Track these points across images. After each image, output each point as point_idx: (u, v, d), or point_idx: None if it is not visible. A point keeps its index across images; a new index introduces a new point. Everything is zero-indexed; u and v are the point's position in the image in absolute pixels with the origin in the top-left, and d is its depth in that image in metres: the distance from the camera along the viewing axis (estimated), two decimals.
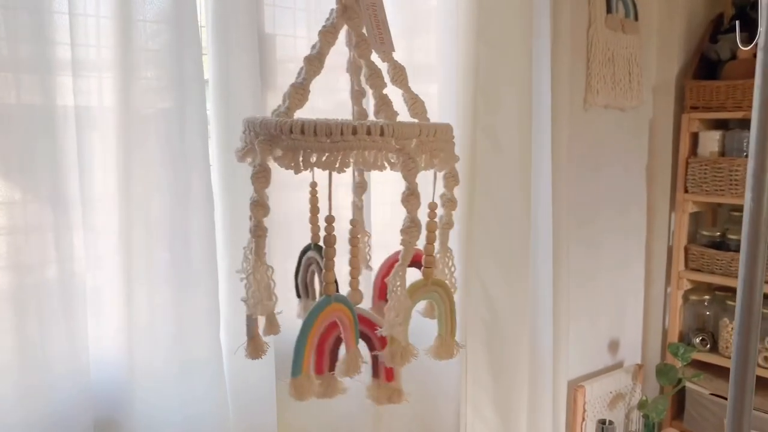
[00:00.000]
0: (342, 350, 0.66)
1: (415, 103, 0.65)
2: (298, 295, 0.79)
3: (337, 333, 0.65)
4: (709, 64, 2.02)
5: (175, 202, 1.05)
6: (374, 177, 1.28)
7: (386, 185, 1.32)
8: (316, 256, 0.75)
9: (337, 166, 0.60)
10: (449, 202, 0.66)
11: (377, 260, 0.75)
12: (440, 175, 0.66)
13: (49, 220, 0.99)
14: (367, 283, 0.81)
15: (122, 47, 1.01)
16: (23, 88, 0.95)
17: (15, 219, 0.96)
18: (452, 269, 0.68)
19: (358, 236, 0.66)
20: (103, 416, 1.05)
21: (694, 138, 2.02)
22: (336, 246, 0.65)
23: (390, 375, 0.66)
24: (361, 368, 0.64)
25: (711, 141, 1.98)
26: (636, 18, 1.93)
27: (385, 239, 0.99)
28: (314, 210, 0.75)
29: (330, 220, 0.67)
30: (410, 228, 0.62)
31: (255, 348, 0.65)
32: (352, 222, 0.64)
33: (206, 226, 1.08)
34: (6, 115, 0.94)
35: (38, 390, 0.97)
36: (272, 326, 0.65)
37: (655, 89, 2.06)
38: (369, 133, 0.59)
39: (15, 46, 0.93)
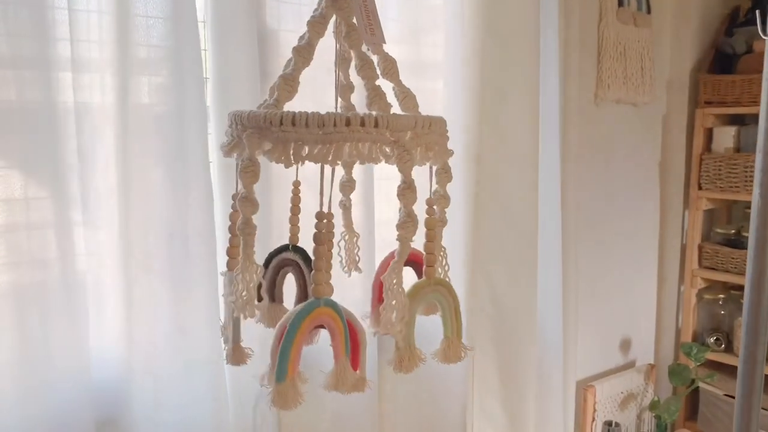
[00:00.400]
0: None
1: (406, 98, 0.63)
2: (259, 299, 0.76)
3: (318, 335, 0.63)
4: (724, 58, 1.98)
5: (175, 199, 1.05)
6: (377, 174, 1.27)
7: (390, 182, 1.31)
8: (294, 257, 0.73)
9: (330, 158, 0.58)
10: (442, 199, 0.64)
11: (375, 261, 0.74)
12: (433, 171, 0.64)
13: (49, 218, 0.99)
14: (352, 284, 0.78)
15: (122, 43, 1.00)
16: (23, 85, 0.95)
17: (15, 216, 0.95)
18: (446, 268, 0.66)
19: (333, 231, 0.65)
20: (104, 416, 1.05)
21: (709, 134, 1.97)
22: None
23: (355, 364, 0.64)
24: (351, 382, 0.62)
25: (726, 137, 1.94)
26: (648, 11, 1.89)
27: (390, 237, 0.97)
28: (295, 210, 0.73)
29: (321, 216, 0.65)
30: (406, 223, 0.60)
31: (239, 354, 0.63)
32: (327, 216, 0.62)
33: (206, 224, 1.07)
34: (6, 111, 0.94)
35: (39, 389, 0.96)
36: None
37: (668, 84, 2.01)
38: (363, 124, 0.57)
39: (15, 42, 0.93)
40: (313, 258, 0.61)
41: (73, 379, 0.99)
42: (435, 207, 0.65)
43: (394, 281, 0.60)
